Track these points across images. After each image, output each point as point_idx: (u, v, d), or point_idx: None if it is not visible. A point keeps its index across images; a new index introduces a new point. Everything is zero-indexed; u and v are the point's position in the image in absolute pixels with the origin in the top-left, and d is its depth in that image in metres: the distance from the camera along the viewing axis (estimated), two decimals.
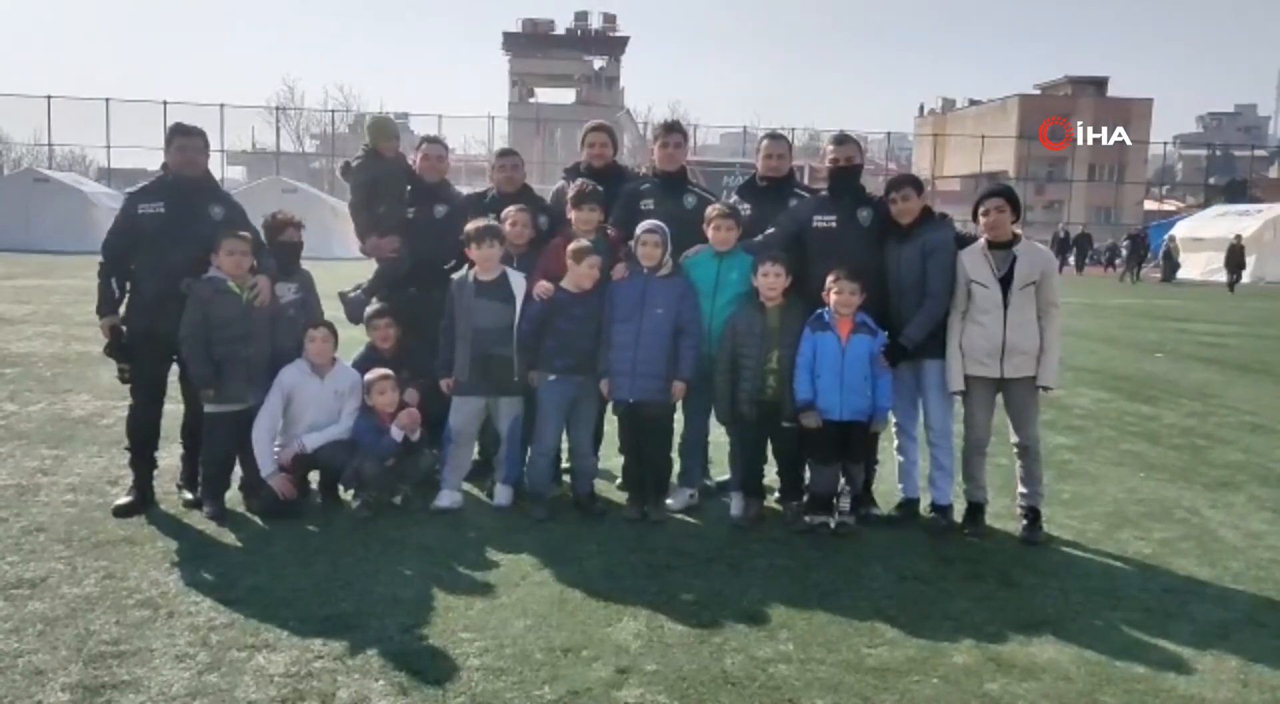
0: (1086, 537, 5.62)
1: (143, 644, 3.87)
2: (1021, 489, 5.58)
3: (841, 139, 5.97)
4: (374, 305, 6.18)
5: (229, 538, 5.18)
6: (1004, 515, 5.77)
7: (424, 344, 5.97)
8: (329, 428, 5.67)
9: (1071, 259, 40.42)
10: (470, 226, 5.75)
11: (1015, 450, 5.58)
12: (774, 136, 6.33)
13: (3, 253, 29.86)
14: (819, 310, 5.48)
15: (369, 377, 5.70)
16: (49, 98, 45.41)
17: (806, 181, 8.48)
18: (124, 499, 5.54)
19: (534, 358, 5.68)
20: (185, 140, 5.63)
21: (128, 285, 5.62)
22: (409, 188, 6.37)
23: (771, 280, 5.46)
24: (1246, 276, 34.59)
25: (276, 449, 5.61)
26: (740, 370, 5.52)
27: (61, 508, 5.51)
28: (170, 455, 5.97)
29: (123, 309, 5.63)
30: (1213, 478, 7.06)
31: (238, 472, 5.68)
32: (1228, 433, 8.67)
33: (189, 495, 5.67)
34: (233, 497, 5.63)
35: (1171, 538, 5.65)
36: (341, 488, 5.71)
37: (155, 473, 5.72)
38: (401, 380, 5.75)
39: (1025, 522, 5.54)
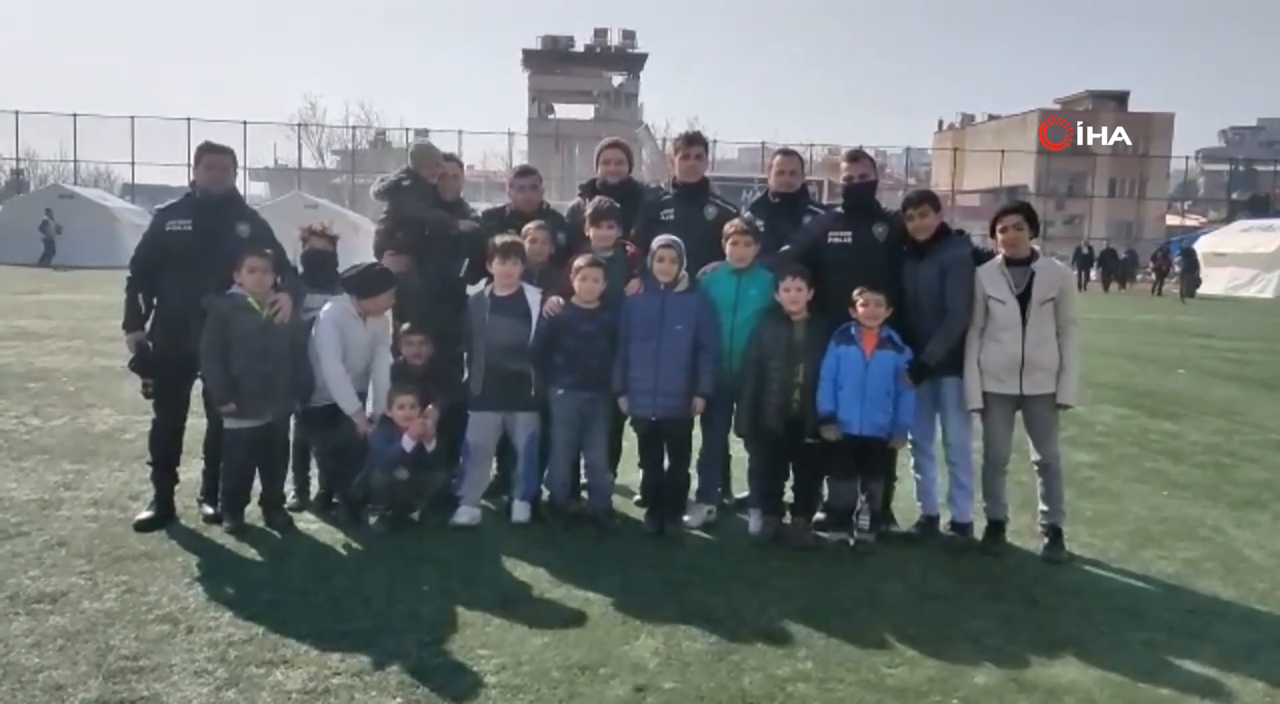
0: (1109, 556, 5.56)
1: (162, 659, 3.88)
2: (1042, 507, 5.54)
3: (855, 156, 5.97)
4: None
5: (249, 553, 5.20)
6: (1025, 533, 5.72)
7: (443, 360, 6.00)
8: (376, 383, 5.83)
9: (1093, 274, 39.47)
10: (496, 240, 5.78)
11: (1035, 468, 5.54)
12: (786, 152, 6.34)
13: (29, 267, 30.16)
14: (845, 324, 5.47)
15: (392, 387, 5.74)
16: (75, 115, 46.01)
17: (825, 197, 8.47)
18: (145, 514, 5.58)
19: (546, 373, 5.70)
20: (213, 157, 5.69)
21: (154, 301, 5.68)
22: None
23: (794, 295, 5.45)
24: (1269, 291, 34.23)
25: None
26: (766, 383, 5.50)
27: (83, 522, 5.55)
28: (192, 470, 6.00)
29: (149, 324, 5.68)
30: (1238, 496, 6.98)
31: (258, 487, 5.71)
32: (1253, 450, 8.57)
33: (209, 510, 5.69)
34: (253, 511, 5.66)
35: (1196, 557, 5.58)
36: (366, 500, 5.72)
37: (176, 488, 5.75)
38: (428, 395, 5.77)
39: (1047, 540, 5.49)
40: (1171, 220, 63.51)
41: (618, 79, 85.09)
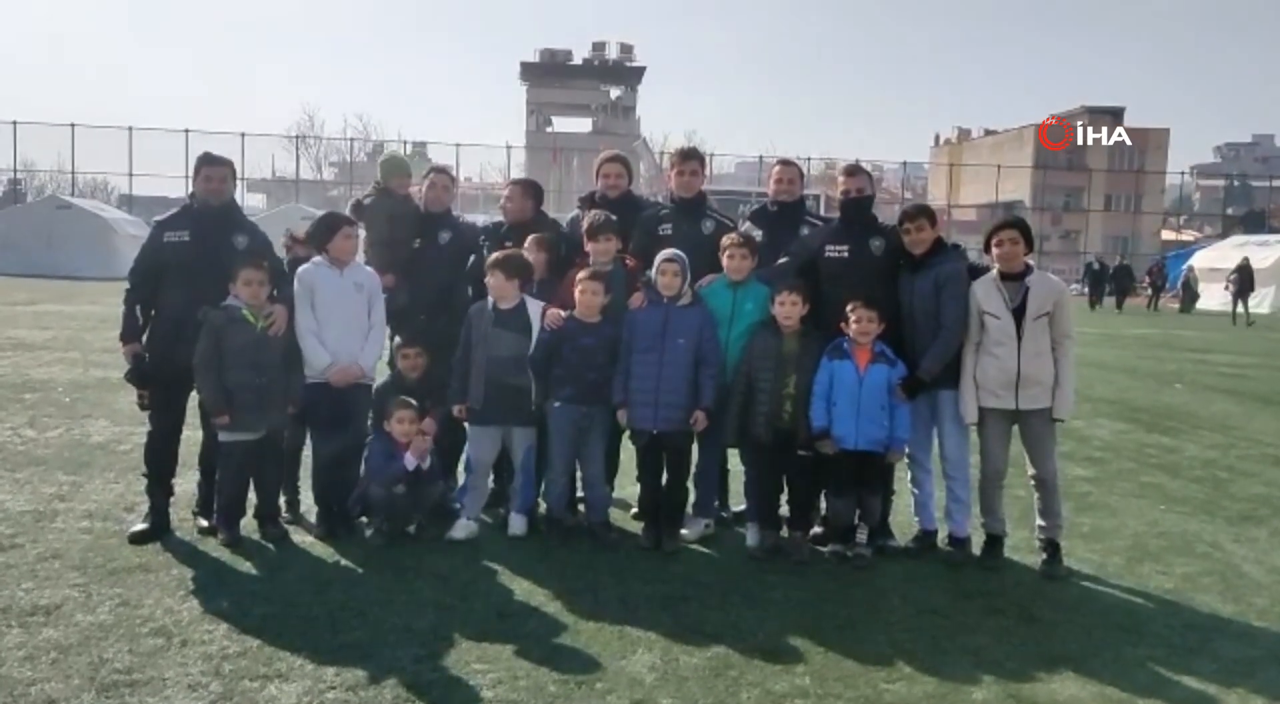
0: (1107, 571, 5.55)
1: (155, 673, 3.86)
2: (1040, 522, 5.53)
3: (852, 170, 6.00)
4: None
5: (243, 566, 5.18)
6: (1023, 548, 5.71)
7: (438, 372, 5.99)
8: (372, 338, 5.76)
9: (1089, 289, 37.81)
10: (500, 255, 5.78)
11: (1032, 483, 5.53)
12: (785, 162, 6.38)
13: (25, 278, 30.16)
14: (838, 338, 5.47)
15: (390, 402, 5.72)
16: (73, 126, 46.07)
17: (823, 210, 8.49)
18: (140, 526, 5.55)
19: (546, 385, 5.69)
20: (212, 169, 5.70)
21: (152, 312, 5.67)
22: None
23: (789, 310, 5.46)
24: (1266, 307, 34.19)
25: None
26: (756, 394, 5.51)
27: (77, 534, 5.52)
28: (187, 482, 5.98)
29: (145, 336, 5.66)
30: (1235, 512, 6.97)
31: (253, 499, 5.68)
32: (1250, 465, 8.57)
33: (204, 522, 5.67)
34: (248, 524, 5.63)
35: (1194, 573, 5.57)
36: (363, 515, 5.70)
37: (172, 500, 5.73)
38: (424, 408, 5.76)
39: (1045, 555, 5.48)
40: (1167, 235, 63.68)
41: (616, 92, 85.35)
